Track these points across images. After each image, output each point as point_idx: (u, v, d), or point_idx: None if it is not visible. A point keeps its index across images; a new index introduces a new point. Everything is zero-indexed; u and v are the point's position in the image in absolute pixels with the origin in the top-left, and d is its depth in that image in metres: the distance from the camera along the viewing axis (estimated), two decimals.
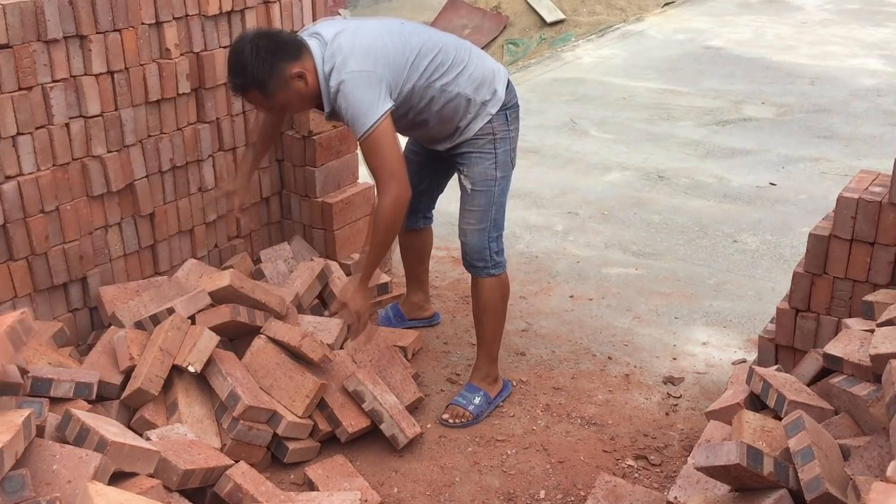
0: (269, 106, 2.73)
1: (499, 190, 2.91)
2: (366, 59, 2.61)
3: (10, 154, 2.65)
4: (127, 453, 2.09)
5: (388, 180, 2.62)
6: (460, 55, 2.83)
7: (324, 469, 2.66)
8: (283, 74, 2.61)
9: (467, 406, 2.99)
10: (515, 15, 10.80)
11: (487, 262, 2.94)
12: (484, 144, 2.87)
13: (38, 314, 2.84)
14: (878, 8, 10.28)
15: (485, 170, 2.88)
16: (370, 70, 2.60)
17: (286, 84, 2.63)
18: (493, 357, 3.07)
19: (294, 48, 2.64)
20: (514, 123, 2.94)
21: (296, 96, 2.67)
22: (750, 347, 3.43)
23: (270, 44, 2.61)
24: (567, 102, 6.88)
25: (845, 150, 5.74)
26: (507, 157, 2.92)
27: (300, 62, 2.63)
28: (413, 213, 3.26)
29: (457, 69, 2.79)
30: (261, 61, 2.58)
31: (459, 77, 2.80)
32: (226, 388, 2.60)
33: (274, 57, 2.59)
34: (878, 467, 1.93)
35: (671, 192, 5.07)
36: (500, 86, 2.89)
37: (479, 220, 2.91)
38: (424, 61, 2.73)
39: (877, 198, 2.52)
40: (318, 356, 2.76)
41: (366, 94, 2.58)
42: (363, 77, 2.59)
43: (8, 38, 2.57)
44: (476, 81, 2.82)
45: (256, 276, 3.38)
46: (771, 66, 7.85)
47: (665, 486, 2.68)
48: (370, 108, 2.57)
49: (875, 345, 2.14)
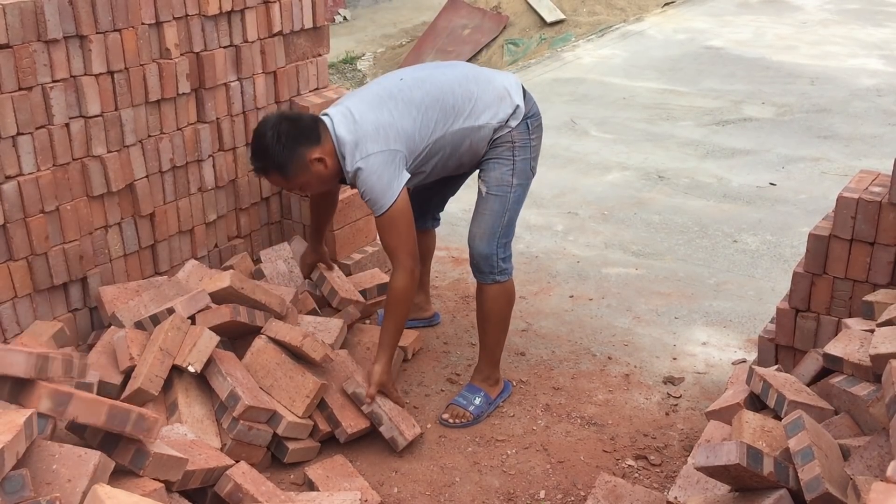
0: (290, 187, 2.83)
1: (514, 197, 2.91)
2: (377, 139, 2.68)
3: (10, 154, 2.65)
4: (164, 462, 2.14)
5: (403, 258, 2.73)
6: (469, 91, 2.83)
7: (324, 469, 2.67)
8: (303, 159, 2.70)
9: (467, 406, 2.99)
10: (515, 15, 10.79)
11: (493, 269, 2.93)
12: (503, 152, 2.89)
13: (38, 314, 2.84)
14: (878, 8, 10.28)
15: (501, 175, 2.89)
16: (382, 150, 2.68)
17: (306, 168, 2.72)
18: (494, 361, 3.07)
19: (314, 133, 2.72)
20: (536, 132, 2.95)
21: (315, 178, 2.77)
22: (750, 347, 3.43)
23: (292, 129, 2.70)
24: (567, 102, 6.88)
25: (845, 150, 5.74)
26: (525, 165, 2.92)
27: (320, 146, 2.72)
28: (423, 216, 3.29)
29: (471, 107, 2.82)
30: (281, 147, 2.68)
31: (477, 114, 2.82)
32: (226, 388, 2.60)
33: (294, 142, 2.69)
34: (878, 467, 1.94)
35: (671, 192, 5.08)
36: (518, 98, 2.89)
37: (491, 224, 2.90)
38: (433, 114, 2.77)
39: (877, 198, 2.52)
40: (319, 356, 2.76)
41: (382, 176, 2.67)
42: (378, 158, 2.67)
43: (8, 38, 2.57)
44: (494, 106, 2.84)
45: (256, 276, 3.38)
46: (771, 66, 7.85)
47: (665, 486, 2.68)
48: (387, 188, 2.67)
49: (875, 345, 2.14)
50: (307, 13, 3.54)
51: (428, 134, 2.77)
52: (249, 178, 3.52)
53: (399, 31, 12.61)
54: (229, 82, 3.29)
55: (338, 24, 12.89)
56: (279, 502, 2.36)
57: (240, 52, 3.30)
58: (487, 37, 10.59)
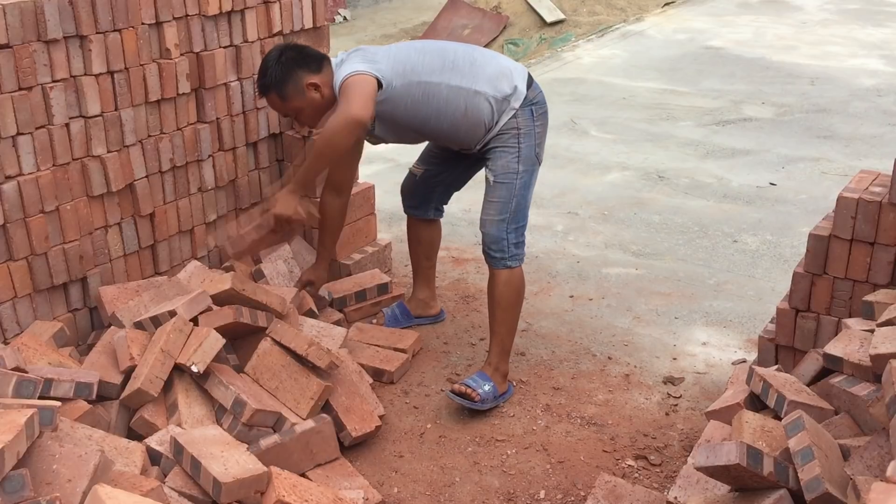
0: (285, 110, 3.00)
1: (520, 183, 2.98)
2: (364, 60, 2.86)
3: (10, 154, 2.65)
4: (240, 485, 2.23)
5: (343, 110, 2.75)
6: (472, 55, 2.97)
7: (324, 469, 2.66)
8: (300, 82, 2.88)
9: (477, 388, 2.99)
10: (515, 15, 10.80)
11: (505, 253, 2.99)
12: (508, 139, 2.97)
13: (38, 314, 2.84)
14: (878, 8, 10.29)
15: (507, 163, 2.97)
16: (366, 64, 2.83)
17: (302, 92, 2.89)
18: (505, 351, 3.08)
19: (315, 62, 2.91)
20: (541, 120, 3.02)
21: (310, 105, 2.93)
22: (750, 347, 3.43)
23: (295, 54, 2.90)
24: (567, 102, 6.88)
25: (845, 150, 5.74)
26: (530, 151, 2.99)
27: (319, 75, 2.90)
28: (425, 203, 3.39)
29: (470, 68, 2.93)
30: (281, 66, 2.87)
31: (475, 77, 2.92)
32: (229, 396, 2.58)
33: (295, 65, 2.88)
34: (878, 467, 1.94)
35: (671, 192, 5.08)
36: (520, 81, 2.97)
37: (499, 210, 2.97)
38: (431, 58, 2.90)
39: (877, 198, 2.52)
40: (325, 363, 2.75)
41: (355, 68, 2.81)
42: (358, 64, 2.83)
43: (8, 38, 2.57)
44: (493, 79, 2.93)
45: (256, 276, 3.38)
46: (771, 66, 7.85)
47: (665, 486, 2.68)
48: (353, 68, 2.81)
49: (875, 345, 2.14)
50: (307, 13, 3.54)
51: (421, 70, 2.89)
52: (249, 178, 3.52)
53: (399, 31, 12.61)
54: (229, 82, 3.29)
55: (338, 24, 12.89)
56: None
57: (240, 52, 3.30)
58: (487, 37, 10.59)
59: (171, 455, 2.36)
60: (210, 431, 2.46)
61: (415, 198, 3.39)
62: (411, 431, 2.96)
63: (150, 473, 2.33)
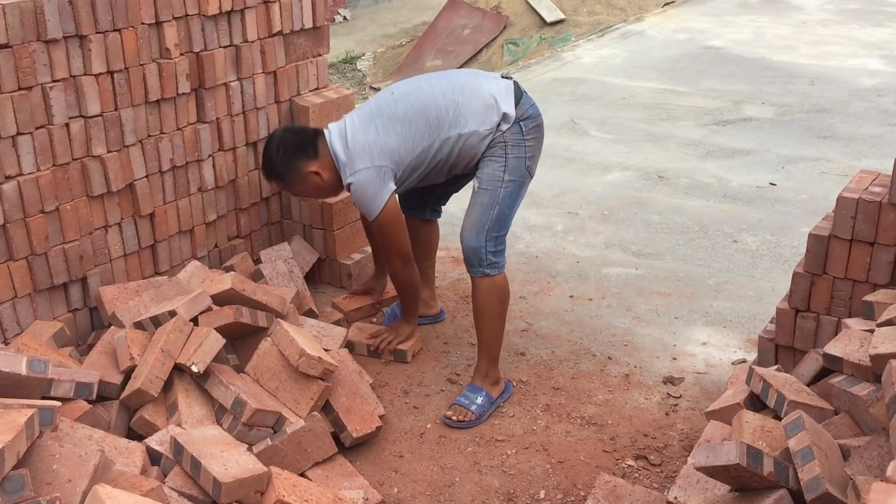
0: (293, 193, 3.26)
1: (505, 192, 2.95)
2: (363, 157, 2.94)
3: (10, 154, 2.65)
4: (240, 485, 2.23)
5: (394, 256, 3.09)
6: (454, 99, 2.98)
7: (324, 469, 2.66)
8: (300, 171, 3.03)
9: (469, 406, 2.99)
10: (515, 15, 10.79)
11: (483, 262, 2.96)
12: (496, 151, 2.98)
13: (38, 314, 2.84)
14: (878, 8, 10.28)
15: (494, 171, 2.97)
16: (368, 166, 2.93)
17: (304, 179, 3.04)
18: (492, 358, 3.07)
19: (312, 146, 3.02)
20: (532, 133, 3.01)
21: (313, 188, 3.08)
22: (750, 347, 3.43)
23: (294, 141, 3.03)
24: (567, 102, 6.88)
25: (845, 150, 5.74)
26: (519, 163, 2.98)
27: (317, 161, 3.02)
28: (423, 206, 3.42)
29: (455, 114, 2.96)
30: (280, 158, 3.02)
31: (463, 121, 2.96)
32: (229, 396, 2.58)
33: (293, 156, 3.01)
34: (878, 467, 1.94)
35: (671, 192, 5.08)
36: (507, 105, 2.97)
37: (479, 217, 2.95)
38: (417, 126, 2.96)
39: (877, 198, 2.52)
40: (318, 372, 2.72)
41: (368, 190, 2.94)
42: (364, 174, 2.93)
43: (8, 38, 2.57)
44: (480, 115, 2.96)
45: (256, 276, 3.38)
46: (771, 66, 7.85)
47: (665, 486, 2.68)
48: (374, 199, 2.95)
49: (875, 345, 2.14)
50: (307, 13, 3.54)
51: (412, 146, 2.96)
52: (249, 178, 3.52)
53: (399, 31, 12.61)
54: (229, 82, 3.29)
55: (338, 24, 12.89)
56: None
57: (240, 52, 3.30)
58: (487, 37, 10.58)
59: (171, 455, 2.36)
60: (210, 431, 2.46)
61: (412, 200, 3.39)
62: (411, 431, 2.96)
63: (150, 473, 2.33)
